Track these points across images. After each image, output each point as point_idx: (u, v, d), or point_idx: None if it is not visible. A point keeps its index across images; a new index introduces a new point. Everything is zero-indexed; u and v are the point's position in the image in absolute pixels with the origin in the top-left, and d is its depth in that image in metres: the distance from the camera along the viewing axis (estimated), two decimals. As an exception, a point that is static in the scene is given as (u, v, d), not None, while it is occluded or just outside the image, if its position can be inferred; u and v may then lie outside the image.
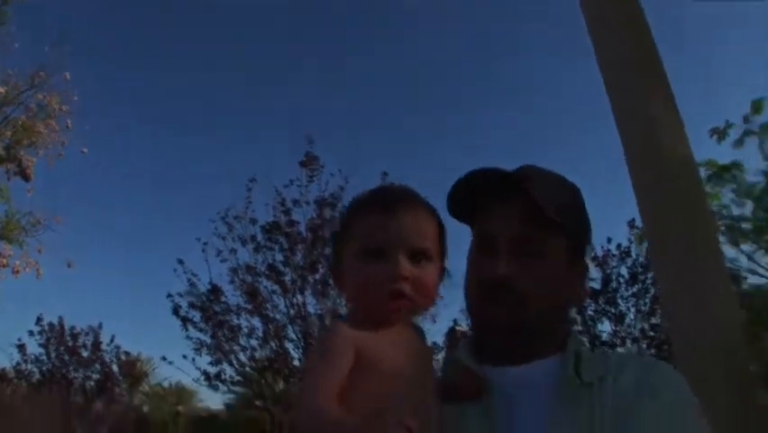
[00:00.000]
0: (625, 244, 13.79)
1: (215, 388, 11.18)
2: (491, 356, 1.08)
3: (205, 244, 10.93)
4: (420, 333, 1.07)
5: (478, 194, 1.08)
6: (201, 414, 25.23)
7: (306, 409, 0.89)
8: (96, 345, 18.49)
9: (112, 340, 18.71)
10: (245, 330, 10.95)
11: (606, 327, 13.97)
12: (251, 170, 11.74)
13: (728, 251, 16.98)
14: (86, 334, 18.28)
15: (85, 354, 18.31)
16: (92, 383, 18.73)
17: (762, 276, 17.75)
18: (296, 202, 10.61)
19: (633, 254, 13.62)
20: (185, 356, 11.18)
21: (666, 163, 3.74)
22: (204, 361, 11.09)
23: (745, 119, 16.43)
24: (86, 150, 13.88)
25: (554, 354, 1.06)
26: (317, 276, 10.29)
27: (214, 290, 10.73)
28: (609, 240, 13.97)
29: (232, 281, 10.85)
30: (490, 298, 1.05)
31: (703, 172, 15.82)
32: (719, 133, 16.74)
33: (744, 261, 17.69)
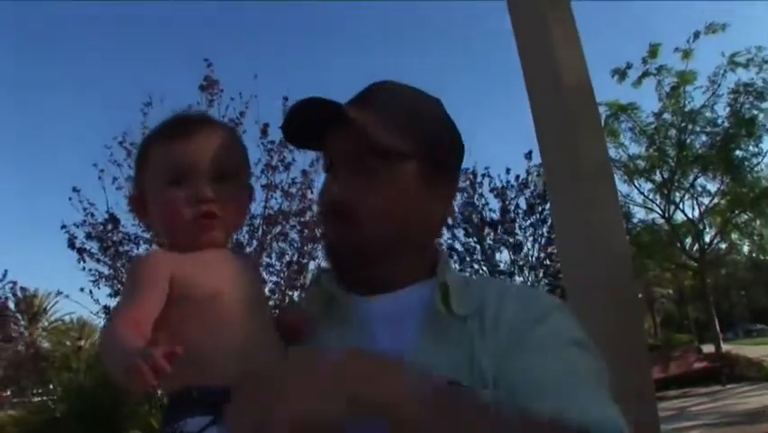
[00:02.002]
0: (523, 175, 14.32)
1: (116, 321, 10.81)
2: (350, 284, 1.03)
3: (101, 171, 10.36)
4: (245, 259, 1.04)
5: (314, 122, 1.02)
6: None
7: (104, 334, 0.85)
8: (-13, 281, 17.36)
9: (4, 276, 17.62)
10: (144, 260, 10.50)
11: (505, 257, 14.65)
12: (147, 94, 10.99)
13: (623, 187, 18.20)
14: (-27, 270, 17.10)
15: (-26, 291, 17.20)
16: (-16, 321, 17.71)
17: (653, 210, 19.17)
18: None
19: (531, 186, 14.18)
20: (82, 289, 10.72)
21: (564, 91, 3.77)
22: (103, 294, 10.71)
23: (644, 60, 17.26)
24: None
25: (422, 280, 1.01)
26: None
27: (112, 219, 10.25)
28: (508, 171, 14.44)
29: (130, 210, 10.37)
30: (326, 221, 1.02)
31: (604, 112, 16.63)
32: (620, 74, 17.52)
33: (636, 196, 19.03)
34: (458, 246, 14.99)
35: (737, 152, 17.50)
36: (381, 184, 0.98)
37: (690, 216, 19.31)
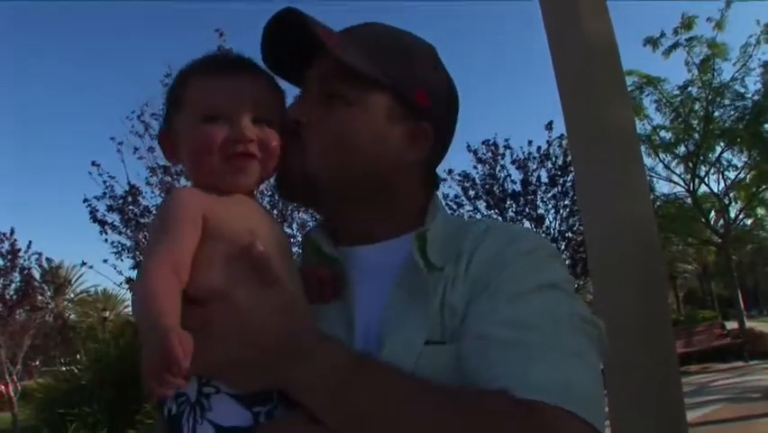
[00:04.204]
0: (545, 147, 14.08)
1: (138, 292, 10.94)
2: (338, 235, 1.00)
3: (120, 143, 10.40)
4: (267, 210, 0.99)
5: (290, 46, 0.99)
6: (128, 319, 25.06)
7: (140, 291, 0.79)
8: (14, 252, 17.67)
9: (29, 247, 17.91)
10: (166, 231, 10.57)
11: (526, 229, 14.45)
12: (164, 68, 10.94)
13: (647, 160, 17.84)
14: (0, 241, 17.41)
15: (1, 262, 17.51)
16: (11, 292, 18.05)
17: (677, 184, 18.81)
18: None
19: (552, 157, 13.94)
20: (105, 261, 10.86)
21: (589, 57, 3.65)
22: (126, 265, 10.82)
23: (675, 31, 16.75)
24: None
25: (410, 231, 0.94)
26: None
27: (132, 192, 10.31)
28: (530, 143, 14.21)
29: (149, 183, 10.45)
30: (284, 146, 0.96)
31: (629, 84, 16.21)
32: (653, 43, 17.04)
33: (661, 170, 18.67)
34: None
35: (766, 126, 17.01)
36: (344, 110, 0.94)
37: (716, 190, 18.92)
